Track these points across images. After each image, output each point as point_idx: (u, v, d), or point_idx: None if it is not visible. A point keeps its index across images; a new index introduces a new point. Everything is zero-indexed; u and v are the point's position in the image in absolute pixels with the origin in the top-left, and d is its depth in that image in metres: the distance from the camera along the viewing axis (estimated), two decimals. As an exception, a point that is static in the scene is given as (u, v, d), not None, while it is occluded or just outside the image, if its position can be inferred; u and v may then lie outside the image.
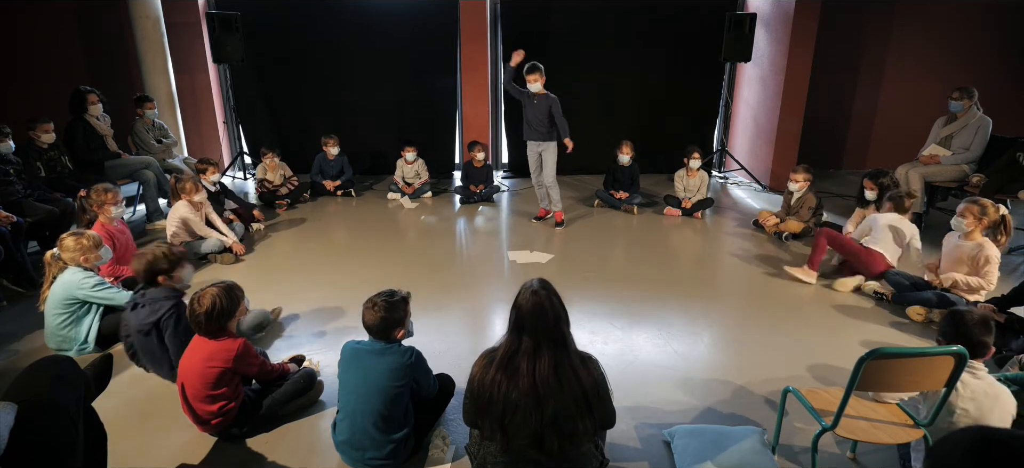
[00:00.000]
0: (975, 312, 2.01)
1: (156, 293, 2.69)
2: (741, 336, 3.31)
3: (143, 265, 2.70)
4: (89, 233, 3.09)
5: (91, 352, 3.03)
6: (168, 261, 2.73)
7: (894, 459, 2.24)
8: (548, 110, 4.86)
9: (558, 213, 5.28)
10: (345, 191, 6.26)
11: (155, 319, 2.62)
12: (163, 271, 2.72)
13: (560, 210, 5.27)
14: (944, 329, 2.04)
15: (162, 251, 2.73)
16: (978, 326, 1.96)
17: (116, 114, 5.68)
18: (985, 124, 4.92)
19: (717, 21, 6.40)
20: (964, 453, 1.04)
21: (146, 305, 2.67)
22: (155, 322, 2.62)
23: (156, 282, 2.73)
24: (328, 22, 6.66)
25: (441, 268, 4.35)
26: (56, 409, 1.62)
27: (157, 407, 2.62)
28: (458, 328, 3.41)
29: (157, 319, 2.62)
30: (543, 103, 4.87)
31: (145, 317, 2.64)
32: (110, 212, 3.65)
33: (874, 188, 4.25)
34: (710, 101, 7.16)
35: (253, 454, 2.34)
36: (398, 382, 2.14)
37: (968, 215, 3.35)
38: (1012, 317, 3.02)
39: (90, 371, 2.03)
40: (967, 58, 6.95)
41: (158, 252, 2.72)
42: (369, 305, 2.17)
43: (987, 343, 1.95)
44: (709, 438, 2.29)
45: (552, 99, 4.85)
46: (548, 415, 1.75)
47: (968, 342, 1.92)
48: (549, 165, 5.08)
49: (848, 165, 7.52)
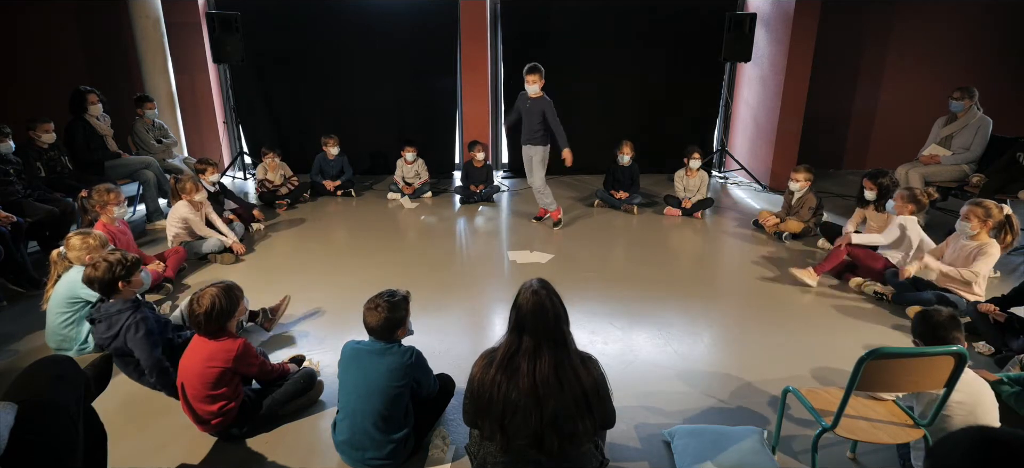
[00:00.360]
0: (943, 311, 2.08)
1: (110, 307, 2.56)
2: (741, 336, 3.31)
3: (101, 274, 2.51)
4: (95, 233, 3.09)
5: (91, 352, 3.02)
6: (124, 267, 2.55)
7: (894, 459, 2.24)
8: (541, 113, 4.80)
9: (554, 212, 5.27)
10: (345, 191, 6.26)
11: (114, 333, 2.52)
12: (121, 278, 2.55)
13: (556, 209, 5.26)
14: (918, 330, 2.09)
15: (117, 257, 2.56)
16: (947, 324, 2.02)
17: (116, 114, 5.68)
18: (985, 124, 4.92)
19: (717, 21, 6.40)
20: (964, 453, 1.04)
21: (102, 320, 2.56)
22: (114, 336, 2.53)
23: (116, 290, 2.56)
24: (328, 22, 6.66)
25: (441, 268, 4.35)
26: (56, 409, 1.62)
27: (157, 407, 2.62)
28: (458, 328, 3.41)
29: (116, 332, 2.52)
30: (537, 106, 4.83)
31: (103, 332, 2.54)
32: (112, 213, 3.66)
33: (874, 188, 4.25)
34: (710, 101, 7.16)
35: (253, 454, 2.34)
36: (398, 382, 2.14)
37: (972, 218, 3.35)
38: (1012, 317, 3.02)
39: (90, 371, 2.03)
40: (967, 58, 6.95)
41: (113, 259, 2.54)
42: (371, 306, 2.17)
43: (958, 339, 2.01)
44: (709, 438, 2.29)
45: (546, 102, 4.81)
46: (548, 415, 1.75)
47: (940, 340, 1.99)
48: (537, 169, 5.05)
49: (848, 165, 7.51)
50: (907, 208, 3.85)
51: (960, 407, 1.98)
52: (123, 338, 2.52)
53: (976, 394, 2.01)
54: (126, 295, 2.60)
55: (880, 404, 2.13)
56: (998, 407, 2.03)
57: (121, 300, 2.58)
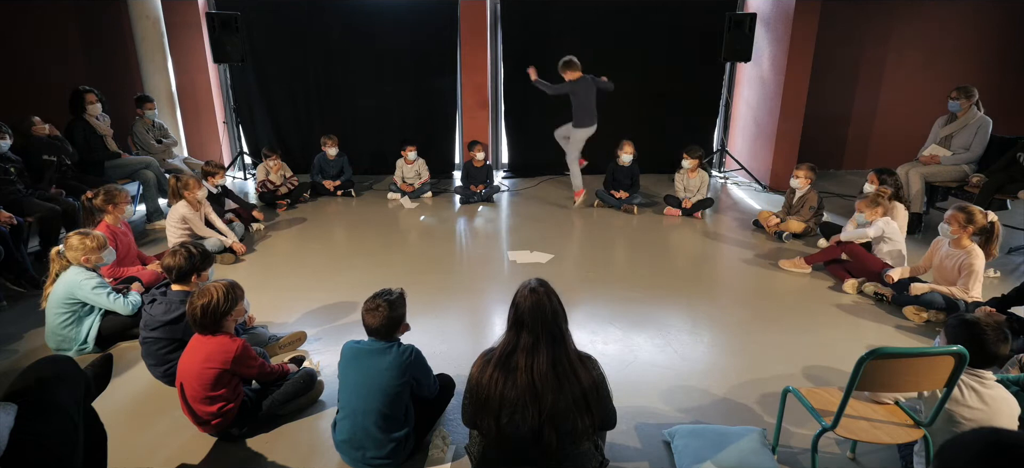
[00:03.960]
0: (992, 319, 1.95)
1: (175, 295, 2.68)
2: (741, 336, 3.31)
3: (179, 262, 2.68)
4: (95, 233, 3.09)
5: (91, 352, 3.03)
6: (202, 260, 2.76)
7: (894, 459, 2.24)
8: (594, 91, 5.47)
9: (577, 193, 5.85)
10: (345, 191, 6.26)
11: (169, 319, 2.62)
12: (197, 270, 2.73)
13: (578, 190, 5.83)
14: (955, 333, 1.95)
15: (200, 250, 2.77)
16: (994, 334, 1.88)
17: (116, 114, 5.68)
18: (985, 124, 4.92)
19: (717, 21, 6.40)
20: (974, 456, 1.01)
21: (163, 302, 2.67)
22: (166, 322, 2.62)
23: (187, 280, 2.72)
24: (328, 22, 6.66)
25: (441, 268, 4.35)
26: (56, 409, 1.62)
27: (157, 407, 2.62)
28: (458, 328, 3.41)
29: (170, 320, 2.62)
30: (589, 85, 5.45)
31: (161, 314, 2.63)
32: (121, 213, 3.65)
33: (875, 183, 4.28)
34: (710, 101, 7.16)
35: (253, 454, 2.34)
36: (398, 380, 2.14)
37: (953, 222, 3.31)
38: (1012, 317, 3.01)
39: (90, 371, 2.03)
40: (967, 58, 6.95)
41: (196, 252, 2.74)
42: (370, 307, 2.17)
43: (1003, 355, 1.90)
44: (709, 438, 2.29)
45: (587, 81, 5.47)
46: (546, 411, 1.76)
47: (983, 352, 1.89)
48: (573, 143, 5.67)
49: (848, 165, 7.51)
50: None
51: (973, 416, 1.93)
52: (179, 325, 2.61)
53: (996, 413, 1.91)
54: (193, 289, 2.70)
55: (879, 404, 2.13)
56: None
57: (185, 292, 2.68)
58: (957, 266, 3.36)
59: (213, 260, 2.83)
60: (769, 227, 4.97)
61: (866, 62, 7.07)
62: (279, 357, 2.99)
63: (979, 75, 6.77)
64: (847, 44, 6.93)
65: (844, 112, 7.29)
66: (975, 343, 1.89)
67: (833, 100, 7.13)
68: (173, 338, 2.63)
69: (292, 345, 3.12)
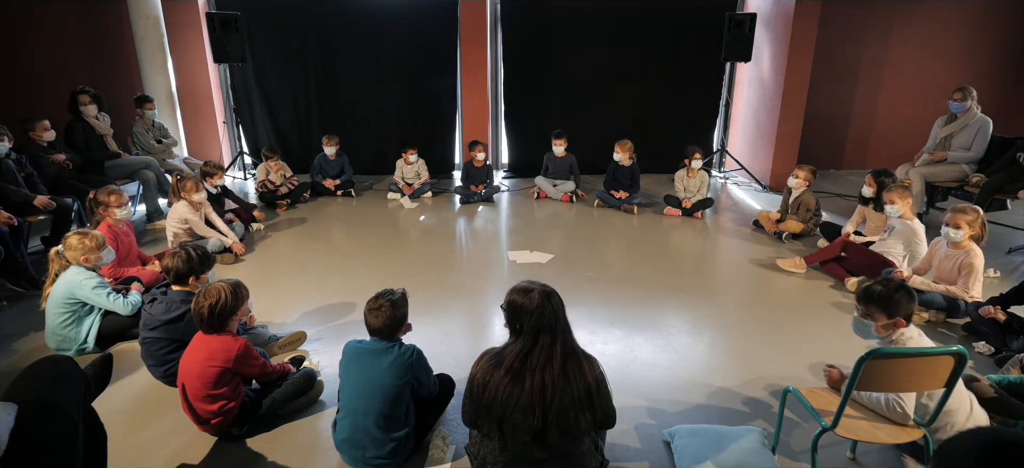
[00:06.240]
0: (892, 280, 2.17)
1: (175, 295, 2.69)
2: (741, 336, 3.31)
3: (178, 264, 2.69)
4: (94, 233, 3.09)
5: (91, 352, 3.03)
6: (202, 263, 2.77)
7: (894, 459, 2.24)
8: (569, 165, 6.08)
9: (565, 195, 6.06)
10: (345, 191, 6.26)
11: (169, 319, 2.63)
12: (195, 272, 2.74)
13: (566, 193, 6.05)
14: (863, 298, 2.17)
15: (200, 253, 2.77)
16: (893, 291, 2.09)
17: (116, 114, 5.68)
18: (985, 124, 4.92)
19: (717, 21, 6.40)
20: (973, 455, 1.01)
21: (163, 302, 2.68)
22: (166, 322, 2.62)
23: (185, 282, 2.73)
24: (328, 22, 6.66)
25: (441, 268, 4.35)
26: (56, 409, 1.62)
27: (157, 407, 2.62)
28: (458, 328, 3.41)
29: (170, 319, 2.63)
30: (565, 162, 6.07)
31: (161, 313, 2.64)
32: (115, 214, 3.65)
33: (873, 185, 4.27)
34: (710, 101, 7.16)
35: (253, 454, 2.34)
36: (400, 380, 2.14)
37: (962, 223, 3.28)
38: (1012, 317, 3.01)
39: (90, 371, 2.03)
40: (967, 58, 6.95)
41: (196, 254, 2.75)
42: (373, 307, 2.17)
43: (901, 302, 2.07)
44: (709, 438, 2.29)
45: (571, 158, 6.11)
46: (552, 411, 1.75)
47: (886, 302, 2.08)
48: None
49: (848, 165, 7.51)
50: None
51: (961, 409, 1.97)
52: (179, 324, 2.63)
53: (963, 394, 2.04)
54: (193, 290, 2.71)
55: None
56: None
57: (186, 292, 2.70)
58: (957, 266, 3.35)
59: (213, 262, 2.83)
60: (769, 227, 4.97)
61: (866, 62, 7.07)
62: (279, 357, 2.99)
63: (979, 75, 6.78)
64: (847, 44, 6.93)
65: (844, 112, 7.29)
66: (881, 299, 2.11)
67: (833, 100, 7.13)
68: (173, 338, 2.63)
69: (292, 345, 3.11)
